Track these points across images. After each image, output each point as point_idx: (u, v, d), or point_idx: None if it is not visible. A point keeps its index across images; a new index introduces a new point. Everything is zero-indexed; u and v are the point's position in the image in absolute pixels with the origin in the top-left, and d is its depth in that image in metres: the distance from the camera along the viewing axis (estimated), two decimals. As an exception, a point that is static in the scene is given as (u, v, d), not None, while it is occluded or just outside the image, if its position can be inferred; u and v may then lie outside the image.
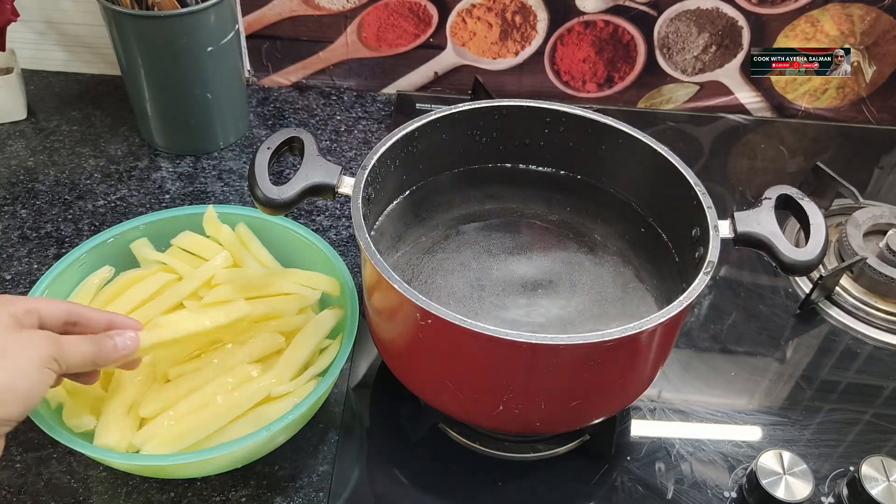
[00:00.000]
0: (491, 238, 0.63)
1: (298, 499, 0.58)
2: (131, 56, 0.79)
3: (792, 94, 0.96)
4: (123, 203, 0.81)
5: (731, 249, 0.77)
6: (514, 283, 0.59)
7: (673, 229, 0.60)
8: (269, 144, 0.55)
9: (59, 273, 0.61)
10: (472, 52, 0.94)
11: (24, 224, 0.78)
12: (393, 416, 0.63)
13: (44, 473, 0.58)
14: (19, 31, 0.91)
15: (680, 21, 0.90)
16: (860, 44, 0.91)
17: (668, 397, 0.66)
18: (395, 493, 0.59)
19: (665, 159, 0.58)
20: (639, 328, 0.46)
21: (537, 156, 0.65)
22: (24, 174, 0.83)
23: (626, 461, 0.61)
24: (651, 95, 0.97)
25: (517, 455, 0.61)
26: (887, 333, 0.73)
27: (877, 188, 0.89)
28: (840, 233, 0.77)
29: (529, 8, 0.90)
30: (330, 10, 0.91)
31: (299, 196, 0.53)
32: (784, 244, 0.51)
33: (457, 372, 0.52)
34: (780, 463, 0.57)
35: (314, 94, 0.97)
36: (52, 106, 0.93)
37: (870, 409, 0.66)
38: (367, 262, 0.50)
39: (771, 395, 0.67)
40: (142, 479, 0.58)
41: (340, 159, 0.88)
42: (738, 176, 0.90)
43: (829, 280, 0.72)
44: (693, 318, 0.73)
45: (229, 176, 0.85)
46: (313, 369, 0.59)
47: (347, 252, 0.77)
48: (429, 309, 0.46)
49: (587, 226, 0.64)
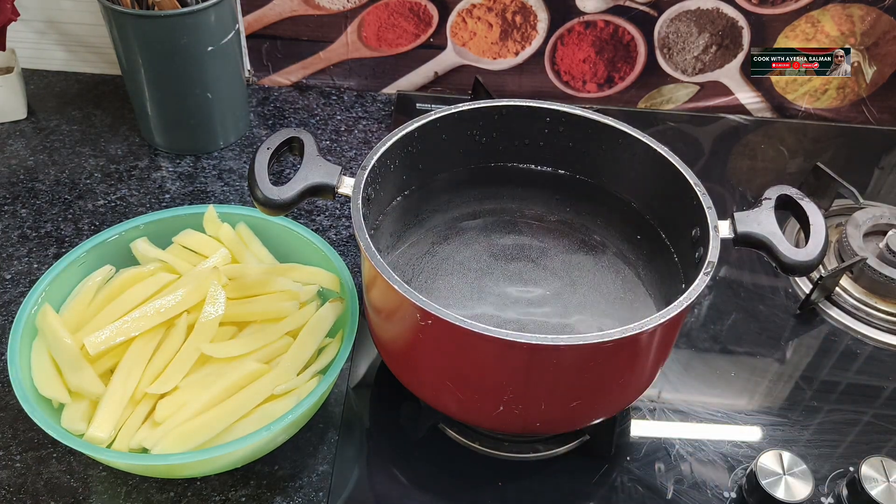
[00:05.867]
0: (491, 238, 0.63)
1: (298, 499, 0.58)
2: (131, 56, 0.79)
3: (792, 95, 0.96)
4: (123, 203, 0.81)
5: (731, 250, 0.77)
6: (514, 283, 0.59)
7: (673, 229, 0.60)
8: (269, 144, 0.55)
9: (59, 273, 0.61)
10: (472, 52, 0.94)
11: (24, 223, 0.78)
12: (393, 416, 0.63)
13: (44, 473, 0.58)
14: (19, 30, 0.91)
15: (680, 21, 0.90)
16: (860, 44, 0.91)
17: (668, 397, 0.66)
18: (395, 493, 0.59)
19: (665, 159, 0.58)
20: (639, 329, 0.46)
21: (537, 156, 0.65)
22: (24, 174, 0.83)
23: (626, 461, 0.61)
24: (651, 96, 0.97)
25: (517, 455, 0.61)
26: (887, 334, 0.73)
27: (877, 188, 0.89)
28: (840, 233, 0.77)
29: (530, 8, 0.90)
30: (330, 9, 0.91)
31: (299, 196, 0.53)
32: (784, 244, 0.51)
33: (457, 372, 0.52)
34: (779, 463, 0.57)
35: (314, 93, 0.97)
36: (52, 105, 0.93)
37: (870, 409, 0.66)
38: (367, 262, 0.50)
39: (771, 396, 0.67)
40: (141, 478, 0.58)
41: (340, 159, 0.88)
42: (738, 176, 0.90)
43: (829, 280, 0.72)
44: (693, 318, 0.73)
45: (229, 176, 0.85)
46: (314, 367, 0.59)
47: (347, 252, 0.77)
48: (429, 309, 0.46)
49: (587, 226, 0.64)
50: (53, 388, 0.55)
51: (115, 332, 0.57)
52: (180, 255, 0.65)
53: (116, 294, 0.62)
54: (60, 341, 0.57)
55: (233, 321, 0.61)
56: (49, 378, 0.56)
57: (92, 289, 0.62)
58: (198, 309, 0.59)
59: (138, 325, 0.58)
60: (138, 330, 0.58)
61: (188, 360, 0.58)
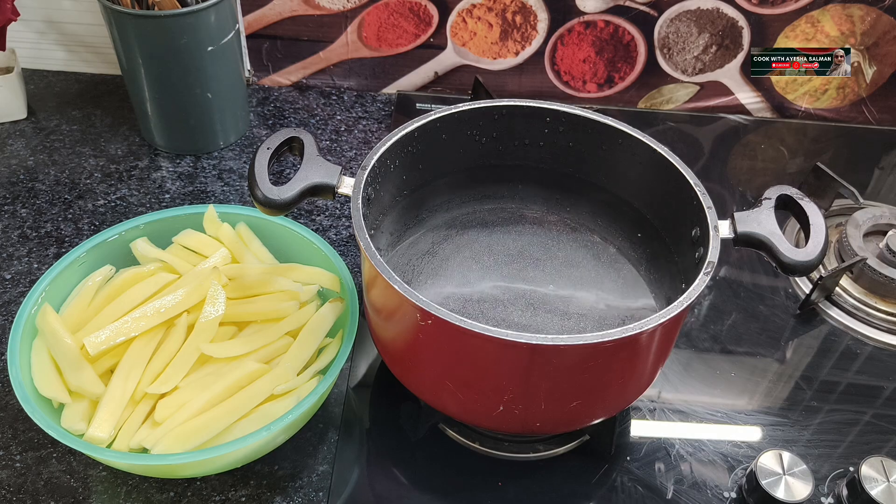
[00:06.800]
0: (491, 238, 0.63)
1: (298, 498, 0.58)
2: (131, 56, 0.79)
3: (792, 95, 0.96)
4: (123, 203, 0.81)
5: (731, 250, 0.77)
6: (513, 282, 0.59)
7: (673, 229, 0.60)
8: (269, 144, 0.55)
9: (59, 273, 0.61)
10: (472, 52, 0.94)
11: (24, 223, 0.78)
12: (393, 416, 0.63)
13: (44, 473, 0.58)
14: (19, 30, 0.91)
15: (680, 21, 0.90)
16: (860, 44, 0.91)
17: (668, 397, 0.66)
18: (395, 493, 0.59)
19: (665, 159, 0.58)
20: (639, 329, 0.46)
21: (537, 156, 0.65)
22: (24, 173, 0.83)
23: (626, 461, 0.61)
24: (651, 96, 0.97)
25: (517, 455, 0.61)
26: (887, 334, 0.73)
27: (877, 189, 0.89)
28: (840, 233, 0.77)
29: (530, 8, 0.90)
30: (330, 9, 0.91)
31: (299, 196, 0.53)
32: (784, 245, 0.51)
33: (457, 372, 0.52)
34: (779, 463, 0.57)
35: (314, 93, 0.97)
36: (52, 105, 0.93)
37: (870, 409, 0.66)
38: (367, 262, 0.50)
39: (771, 396, 0.67)
40: (141, 478, 0.58)
41: (340, 159, 0.88)
42: (739, 176, 0.90)
43: (829, 280, 0.72)
44: (693, 318, 0.73)
45: (229, 175, 0.85)
46: (314, 367, 0.59)
47: (347, 252, 0.77)
48: (429, 309, 0.46)
49: (587, 226, 0.64)
50: (53, 388, 0.55)
51: (115, 332, 0.57)
52: (180, 255, 0.65)
53: (116, 294, 0.62)
54: (60, 341, 0.57)
55: (233, 321, 0.61)
56: (49, 378, 0.56)
57: (92, 289, 0.62)
58: (198, 309, 0.59)
59: (138, 325, 0.58)
60: (138, 330, 0.58)
61: (188, 360, 0.58)
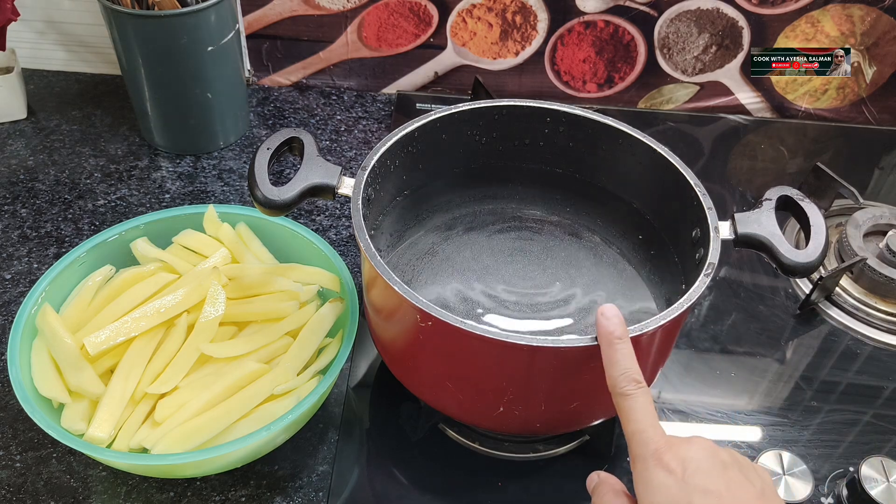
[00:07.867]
0: (491, 238, 0.63)
1: (298, 498, 0.58)
2: (131, 56, 0.79)
3: (792, 95, 0.96)
4: (123, 203, 0.81)
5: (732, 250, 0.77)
6: (514, 283, 0.59)
7: (673, 230, 0.60)
8: (269, 145, 0.55)
9: (59, 272, 0.61)
10: (472, 52, 0.94)
11: (24, 223, 0.78)
12: (393, 416, 0.63)
13: (44, 473, 0.58)
14: (19, 30, 0.91)
15: (680, 21, 0.90)
16: (860, 44, 0.91)
17: (668, 397, 0.66)
18: (395, 493, 0.59)
19: (665, 160, 0.57)
20: (639, 330, 0.46)
21: (537, 156, 0.65)
22: (24, 173, 0.83)
23: (626, 461, 0.61)
24: (651, 96, 0.97)
25: (517, 455, 0.61)
26: (887, 334, 0.73)
27: (877, 189, 0.89)
28: (840, 233, 0.77)
29: (530, 8, 0.90)
30: (330, 9, 0.91)
31: (299, 197, 0.53)
32: (784, 245, 0.51)
33: (457, 373, 0.52)
34: (779, 463, 0.57)
35: (314, 93, 0.97)
36: (52, 105, 0.93)
37: (870, 409, 0.66)
38: (367, 263, 0.50)
39: (771, 396, 0.67)
40: (141, 478, 0.58)
41: (340, 159, 0.88)
42: (739, 176, 0.90)
43: (829, 281, 0.72)
44: (693, 318, 0.73)
45: (229, 176, 0.85)
46: (314, 367, 0.59)
47: (347, 252, 0.77)
48: (428, 310, 0.46)
49: (587, 226, 0.64)
50: (53, 388, 0.55)
51: (115, 332, 0.57)
52: (180, 255, 0.65)
53: (116, 294, 0.61)
54: (60, 341, 0.57)
55: (233, 321, 0.61)
56: (49, 378, 0.56)
57: (92, 289, 0.62)
58: (198, 309, 0.59)
59: (138, 325, 0.58)
60: (138, 330, 0.58)
61: (188, 360, 0.58)
